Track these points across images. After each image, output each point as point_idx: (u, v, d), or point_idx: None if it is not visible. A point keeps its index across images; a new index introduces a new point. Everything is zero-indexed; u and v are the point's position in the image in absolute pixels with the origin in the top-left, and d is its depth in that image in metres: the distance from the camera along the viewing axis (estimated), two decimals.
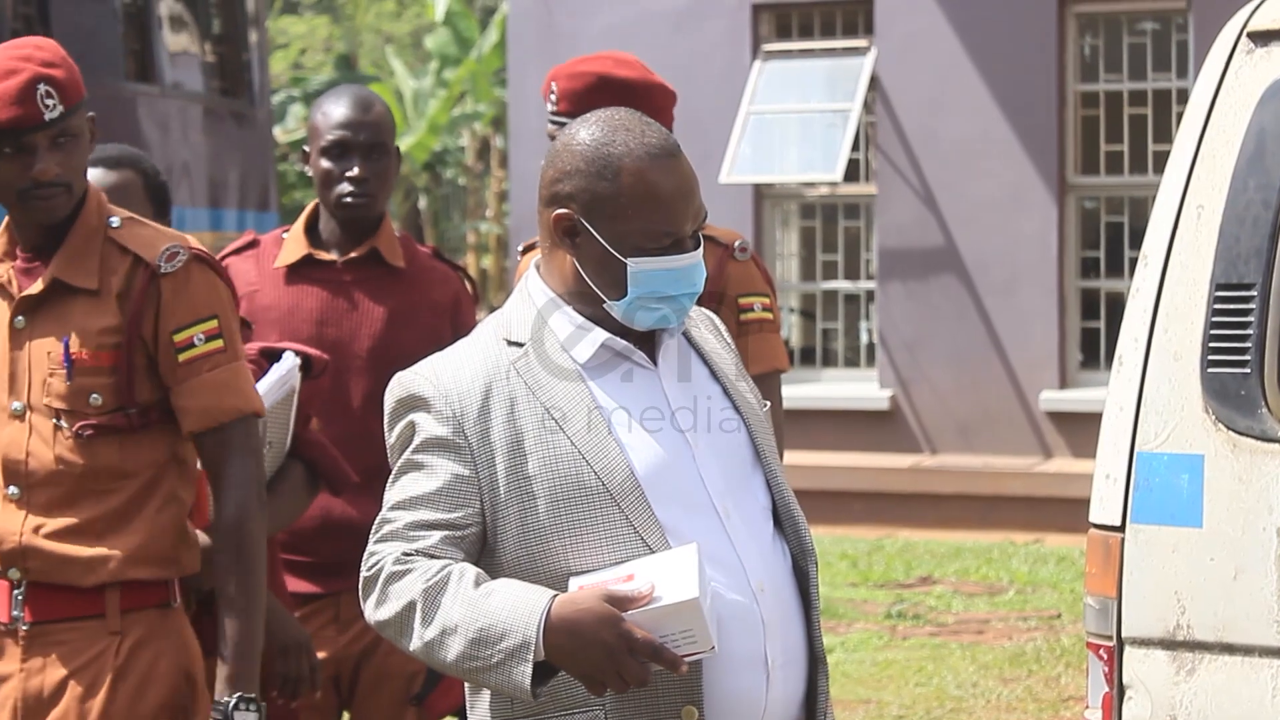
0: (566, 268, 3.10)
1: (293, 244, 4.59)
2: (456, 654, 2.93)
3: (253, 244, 4.65)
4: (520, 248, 4.76)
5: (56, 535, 3.62)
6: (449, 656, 2.94)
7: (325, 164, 4.53)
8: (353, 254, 4.57)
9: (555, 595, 2.92)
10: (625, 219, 3.03)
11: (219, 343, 3.68)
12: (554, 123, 4.51)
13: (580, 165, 3.05)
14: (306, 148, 4.61)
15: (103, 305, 3.66)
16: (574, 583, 2.98)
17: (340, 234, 4.59)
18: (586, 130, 3.08)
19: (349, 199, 4.53)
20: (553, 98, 4.54)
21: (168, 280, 3.66)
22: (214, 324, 3.68)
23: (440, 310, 4.61)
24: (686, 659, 2.91)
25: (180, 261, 3.67)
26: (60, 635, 3.63)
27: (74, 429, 3.63)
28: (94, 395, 3.63)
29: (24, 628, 3.64)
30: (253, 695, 3.60)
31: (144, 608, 3.65)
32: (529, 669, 2.88)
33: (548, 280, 3.13)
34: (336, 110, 4.54)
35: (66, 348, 3.64)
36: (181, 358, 3.66)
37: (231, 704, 3.59)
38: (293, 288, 4.55)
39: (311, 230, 4.62)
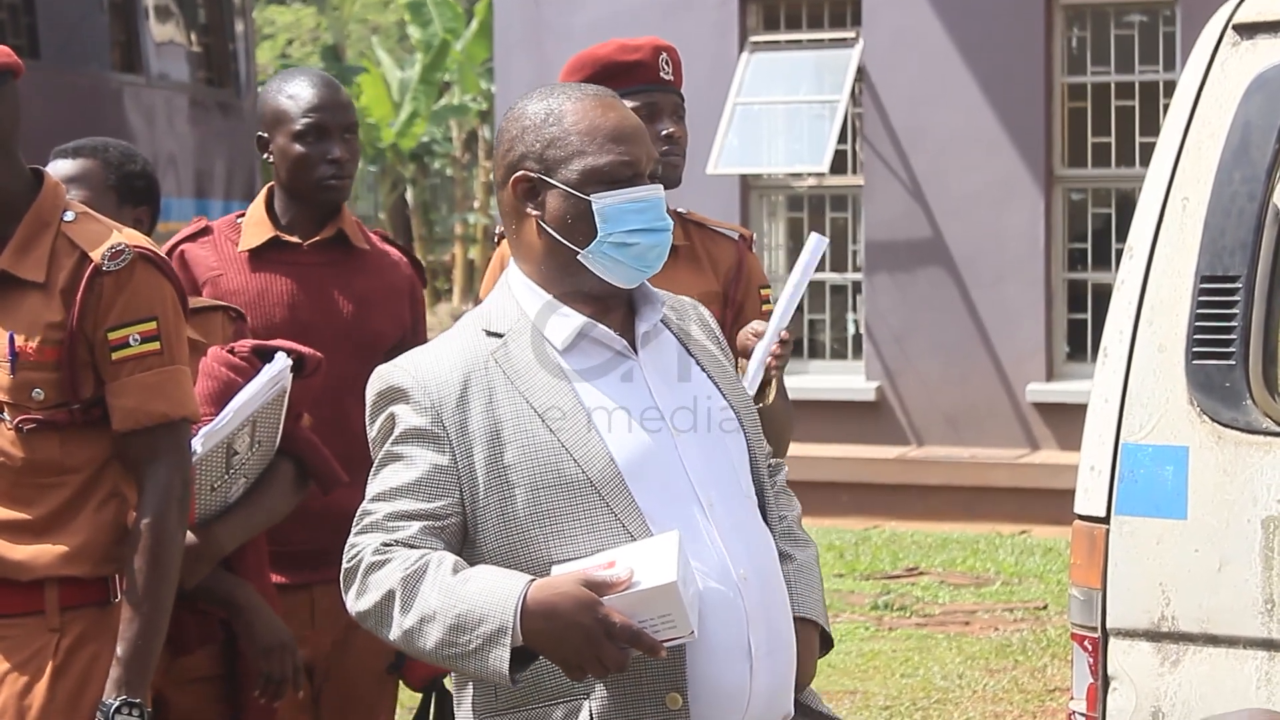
0: (534, 238, 3.11)
1: (256, 228, 4.52)
2: (435, 641, 2.92)
3: (206, 230, 4.57)
4: (496, 236, 4.74)
5: None
6: (428, 644, 2.93)
7: (300, 148, 4.45)
8: (319, 237, 4.51)
9: (532, 580, 2.91)
10: (580, 155, 3.06)
11: (155, 345, 3.63)
12: None
13: (526, 124, 3.10)
14: (265, 133, 4.52)
15: (49, 300, 3.61)
16: (556, 570, 2.97)
17: (303, 217, 4.52)
18: (527, 99, 3.15)
19: (332, 181, 4.47)
20: None
21: (110, 278, 3.60)
22: (152, 325, 3.64)
23: (399, 293, 4.58)
24: (666, 644, 2.91)
25: (124, 260, 3.62)
26: None
27: (15, 422, 3.59)
28: (36, 390, 3.59)
29: None
30: (138, 700, 3.56)
31: (84, 605, 3.62)
32: (506, 654, 2.88)
33: (522, 265, 3.14)
34: (307, 93, 4.47)
35: (11, 341, 3.60)
36: (114, 356, 3.62)
37: (114, 707, 3.55)
38: (259, 271, 4.48)
39: (270, 214, 4.55)
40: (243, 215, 4.58)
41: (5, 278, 3.62)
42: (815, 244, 4.24)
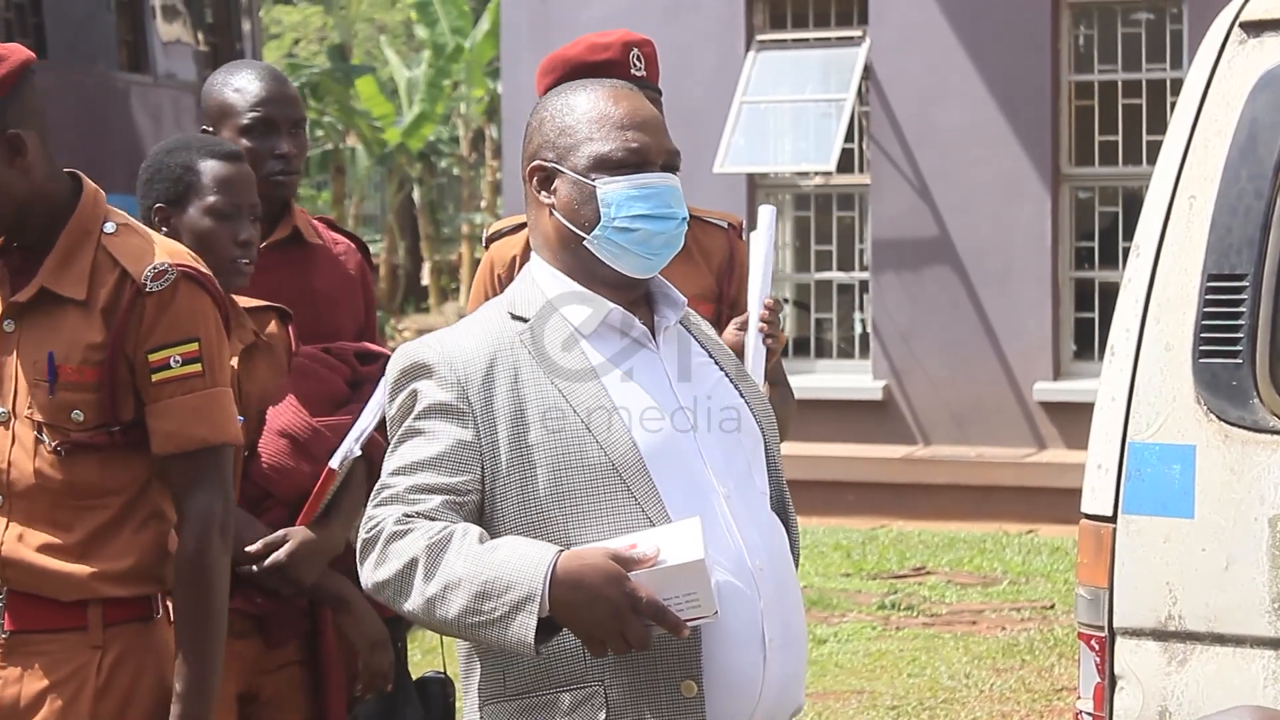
0: (549, 227, 3.14)
1: None
2: (459, 609, 2.91)
3: None
4: (485, 238, 4.67)
5: (38, 548, 3.50)
6: (451, 613, 2.92)
7: (246, 143, 4.30)
8: (275, 237, 4.38)
9: (561, 550, 2.91)
10: (588, 143, 3.10)
11: (196, 366, 3.51)
12: None
13: (544, 115, 3.16)
14: (210, 127, 4.38)
15: (90, 319, 3.50)
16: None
17: (268, 216, 4.36)
18: (550, 94, 3.20)
19: (279, 177, 4.34)
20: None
21: (152, 299, 3.49)
22: (194, 347, 3.51)
23: (354, 284, 4.49)
24: (689, 623, 2.91)
25: (167, 280, 3.50)
26: (41, 645, 3.51)
27: (54, 444, 3.49)
28: (76, 411, 3.49)
29: (2, 636, 3.52)
30: None
31: (126, 621, 3.53)
32: (533, 621, 2.87)
33: (542, 254, 3.17)
34: (253, 86, 4.35)
35: (50, 360, 3.49)
36: (155, 378, 3.49)
37: None
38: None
39: None
40: None
41: (45, 294, 3.51)
42: (769, 216, 4.23)
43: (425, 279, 31.85)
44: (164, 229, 4.03)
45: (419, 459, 3.02)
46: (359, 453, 3.95)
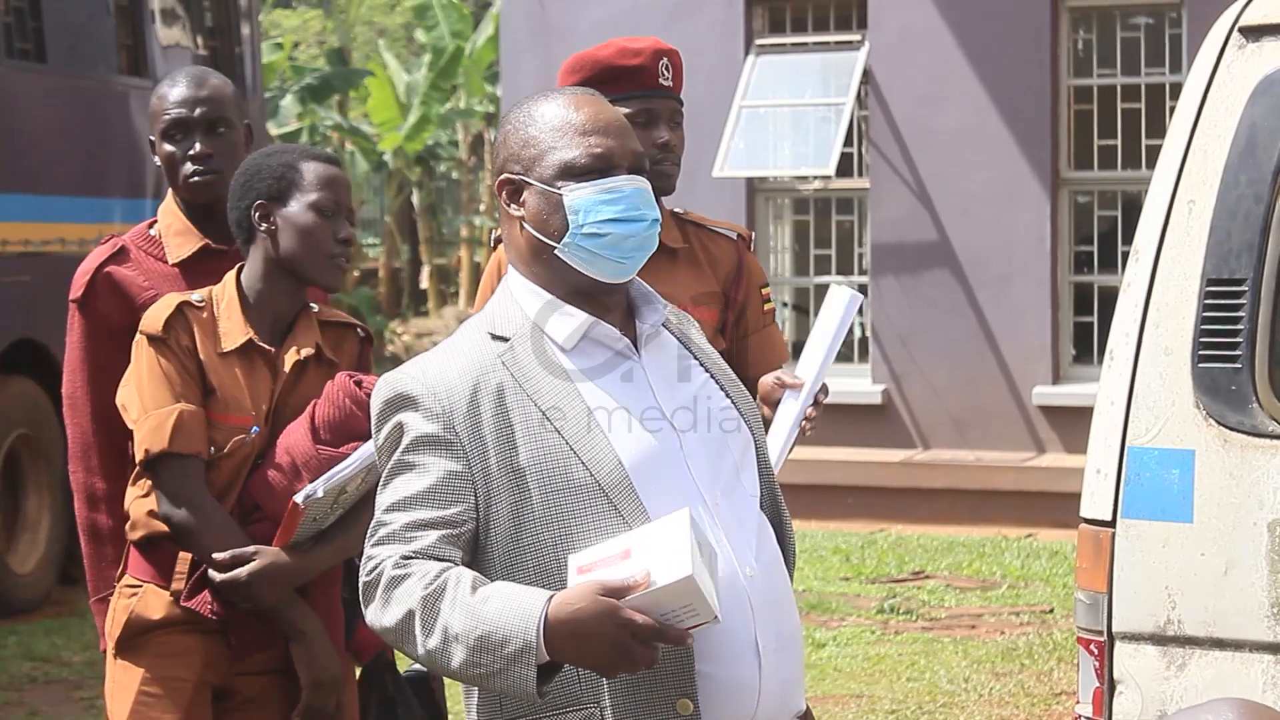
0: (520, 239, 3.13)
1: (181, 238, 4.35)
2: (461, 661, 2.92)
3: (124, 249, 4.37)
4: (493, 240, 4.70)
5: None
6: (453, 664, 2.93)
7: (168, 148, 4.32)
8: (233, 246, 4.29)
9: (550, 596, 2.90)
10: (552, 150, 3.09)
11: None
12: None
13: (509, 128, 3.14)
14: (152, 137, 4.39)
15: None
16: (572, 561, 2.97)
17: (206, 219, 4.33)
18: (514, 107, 3.19)
19: (195, 178, 4.30)
20: None
21: None
22: None
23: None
24: (691, 630, 2.91)
25: None
26: None
27: None
28: None
29: None
30: None
31: None
32: (532, 673, 2.88)
33: (517, 267, 3.16)
34: (172, 90, 4.36)
35: None
36: None
37: None
38: (195, 284, 4.26)
39: (190, 220, 4.37)
40: (153, 225, 4.41)
41: None
42: (849, 300, 4.17)
43: (424, 283, 31.85)
44: (264, 225, 4.06)
45: (411, 494, 3.01)
46: (321, 495, 3.92)
